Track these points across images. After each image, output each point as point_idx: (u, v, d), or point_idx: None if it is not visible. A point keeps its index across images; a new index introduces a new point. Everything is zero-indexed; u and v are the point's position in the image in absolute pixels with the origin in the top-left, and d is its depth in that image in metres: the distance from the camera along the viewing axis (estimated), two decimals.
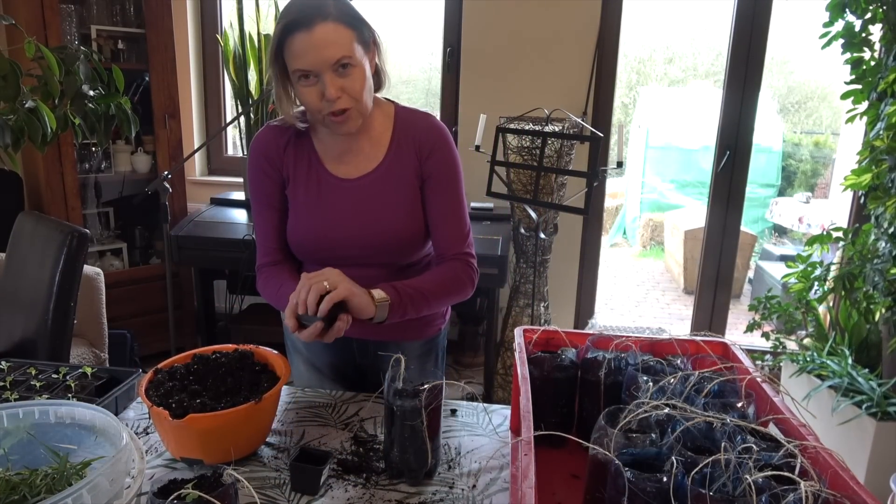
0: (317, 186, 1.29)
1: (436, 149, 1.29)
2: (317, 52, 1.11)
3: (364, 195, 1.29)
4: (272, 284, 1.31)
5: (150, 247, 3.38)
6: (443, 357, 1.54)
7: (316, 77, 1.14)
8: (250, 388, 1.10)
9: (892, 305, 2.18)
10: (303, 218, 1.30)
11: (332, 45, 1.11)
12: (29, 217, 2.15)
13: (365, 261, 1.30)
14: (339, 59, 1.12)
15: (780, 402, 0.94)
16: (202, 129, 3.58)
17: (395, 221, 1.29)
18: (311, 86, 1.14)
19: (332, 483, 1.05)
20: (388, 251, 1.31)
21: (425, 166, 1.29)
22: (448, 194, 1.31)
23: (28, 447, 0.92)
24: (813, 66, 6.71)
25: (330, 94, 1.14)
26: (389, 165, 1.29)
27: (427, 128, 1.30)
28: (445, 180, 1.30)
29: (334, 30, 1.11)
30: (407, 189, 1.29)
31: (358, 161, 1.30)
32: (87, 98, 1.51)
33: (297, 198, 1.30)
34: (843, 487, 0.74)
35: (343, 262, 1.29)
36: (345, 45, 1.12)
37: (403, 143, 1.29)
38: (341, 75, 1.14)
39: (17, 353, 1.97)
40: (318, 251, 1.32)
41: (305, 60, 1.12)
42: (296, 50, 1.12)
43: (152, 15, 2.98)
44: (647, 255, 6.78)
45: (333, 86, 1.13)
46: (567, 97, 3.02)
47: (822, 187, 6.53)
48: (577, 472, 1.06)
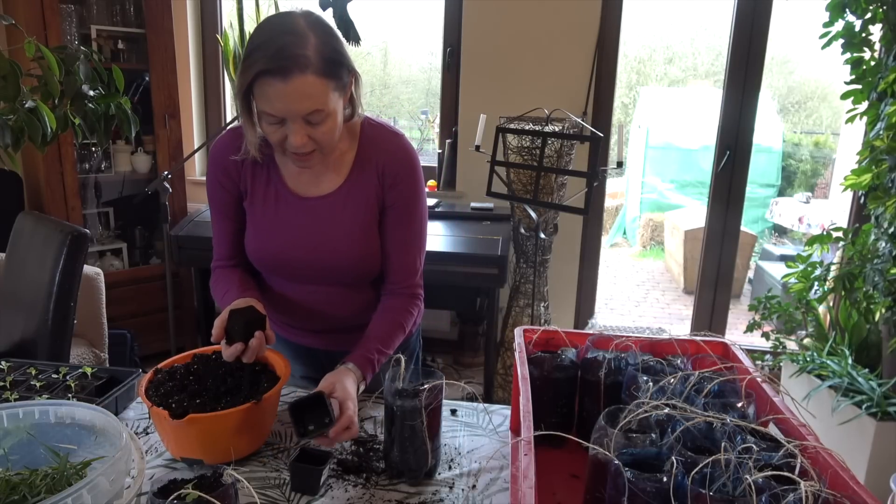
0: (274, 203, 1.26)
1: (400, 179, 1.24)
2: (288, 104, 1.05)
3: (322, 215, 1.25)
4: (220, 287, 1.31)
5: (150, 247, 3.38)
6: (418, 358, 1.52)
7: (282, 121, 1.08)
8: (250, 388, 1.10)
9: (892, 305, 2.18)
10: (259, 233, 1.28)
11: (305, 99, 1.05)
12: (29, 217, 2.15)
13: (320, 279, 1.29)
14: (311, 112, 1.07)
15: (780, 402, 0.94)
16: (202, 129, 3.58)
17: (351, 243, 1.25)
18: (276, 127, 1.09)
19: (332, 483, 1.05)
20: (343, 271, 1.28)
21: (388, 195, 1.25)
22: (407, 227, 1.28)
23: (28, 447, 0.92)
24: (813, 66, 6.71)
25: (295, 142, 1.09)
26: (350, 187, 1.24)
27: (394, 153, 1.24)
28: (407, 213, 1.27)
29: (311, 83, 1.04)
30: (366, 212, 1.25)
31: (319, 180, 1.25)
32: (87, 98, 1.51)
33: (255, 213, 1.27)
34: (843, 487, 0.74)
35: (298, 279, 1.30)
36: (319, 99, 1.06)
37: (367, 165, 1.24)
38: (311, 123, 1.08)
39: (17, 353, 1.97)
40: (274, 267, 1.31)
41: (275, 107, 1.06)
42: (267, 94, 1.05)
43: (152, 15, 2.98)
44: (647, 255, 6.78)
45: (300, 134, 1.08)
46: (567, 97, 3.02)
47: (822, 187, 6.53)
48: (577, 472, 1.06)
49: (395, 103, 4.80)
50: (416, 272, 1.32)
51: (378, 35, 4.32)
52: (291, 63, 1.02)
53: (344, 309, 1.33)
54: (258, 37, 1.06)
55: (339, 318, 1.34)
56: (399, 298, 1.31)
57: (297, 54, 1.02)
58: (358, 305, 1.34)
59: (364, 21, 2.20)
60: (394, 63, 4.46)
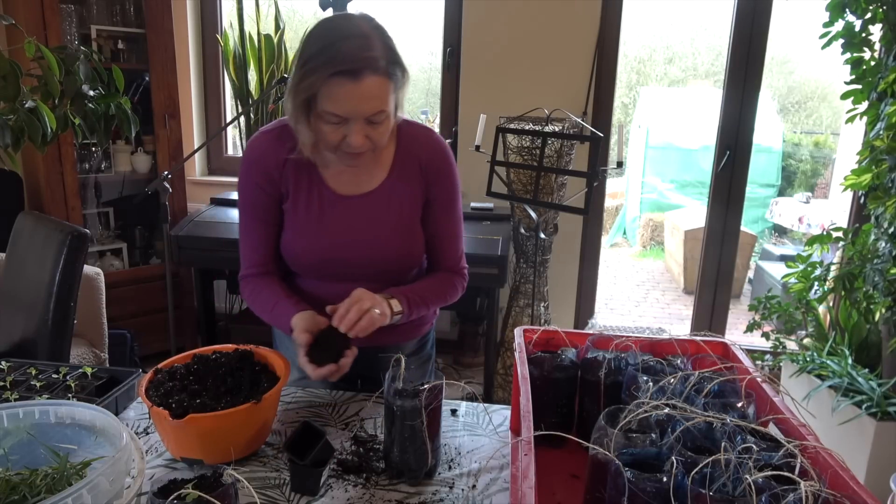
0: (318, 203, 1.27)
1: (441, 173, 1.30)
2: (358, 104, 1.08)
3: (367, 213, 1.27)
4: (264, 299, 1.29)
5: (150, 247, 3.38)
6: (433, 348, 1.54)
7: (344, 121, 1.11)
8: (250, 388, 1.10)
9: (892, 305, 2.18)
10: (302, 234, 1.28)
11: (373, 99, 1.09)
12: (29, 217, 2.15)
13: (362, 276, 1.30)
14: (375, 112, 1.11)
15: (780, 402, 0.94)
16: (202, 129, 3.58)
17: (396, 240, 1.29)
18: (336, 127, 1.12)
19: (332, 483, 1.05)
20: (386, 268, 1.31)
21: (431, 189, 1.30)
22: (450, 217, 1.34)
23: (28, 447, 0.92)
24: (813, 66, 6.71)
25: (355, 142, 1.12)
26: (392, 184, 1.28)
27: (432, 148, 1.29)
28: (448, 203, 1.33)
29: (379, 84, 1.08)
30: (409, 207, 1.29)
31: (360, 178, 1.28)
32: (87, 98, 1.51)
33: (298, 214, 1.28)
34: (843, 487, 0.74)
35: (340, 278, 1.30)
36: (384, 99, 1.10)
37: (407, 162, 1.28)
38: (371, 123, 1.12)
39: (17, 353, 1.97)
40: (316, 267, 1.31)
41: (343, 108, 1.09)
42: (336, 95, 1.08)
43: (152, 15, 2.98)
44: (647, 255, 6.78)
45: (360, 134, 1.12)
46: (567, 97, 3.02)
47: (822, 187, 6.53)
48: (577, 472, 1.06)
49: None
50: (461, 258, 1.39)
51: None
52: (363, 64, 1.06)
53: None
54: (322, 39, 1.08)
55: None
56: (446, 273, 1.37)
57: (368, 56, 1.06)
58: None
59: None
60: None
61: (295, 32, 3.25)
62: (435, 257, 1.37)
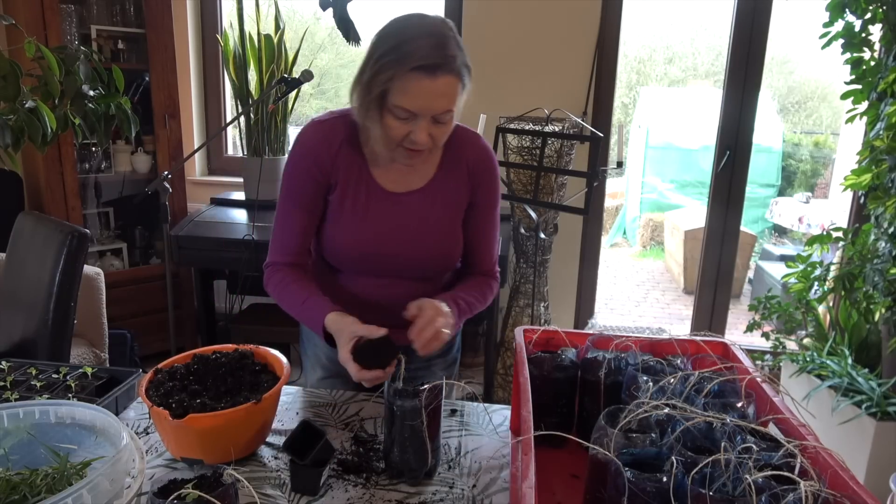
0: (365, 197, 1.27)
1: (487, 177, 1.32)
2: (430, 101, 1.10)
3: (411, 211, 1.28)
4: (294, 291, 1.26)
5: (150, 247, 3.38)
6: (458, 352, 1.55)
7: (412, 117, 1.12)
8: (250, 388, 1.11)
9: (892, 305, 2.18)
10: (347, 227, 1.28)
11: (444, 98, 1.10)
12: (29, 217, 2.15)
13: (401, 274, 1.31)
14: (444, 111, 1.12)
15: (780, 402, 0.94)
16: (202, 129, 3.58)
17: (438, 239, 1.30)
18: (403, 123, 1.13)
19: (332, 483, 1.05)
20: (425, 266, 1.32)
21: (476, 193, 1.32)
22: (490, 220, 1.36)
23: (28, 447, 0.92)
24: (813, 66, 6.72)
25: (419, 138, 1.13)
26: (440, 183, 1.29)
27: (480, 151, 1.31)
28: (490, 207, 1.35)
29: (451, 84, 1.10)
30: (453, 208, 1.31)
31: (408, 176, 1.28)
32: (87, 98, 1.51)
33: (343, 206, 1.28)
34: (842, 487, 0.74)
35: (377, 273, 1.31)
36: (453, 99, 1.12)
37: (454, 163, 1.30)
38: (437, 122, 1.14)
39: (17, 353, 1.97)
40: (356, 261, 1.30)
41: (415, 104, 1.10)
42: (410, 90, 1.09)
43: (152, 15, 2.98)
44: (647, 255, 6.78)
45: (425, 132, 1.13)
46: (567, 97, 3.02)
47: (822, 187, 6.53)
48: (577, 472, 1.06)
49: None
50: (496, 261, 1.41)
51: None
52: (442, 62, 1.08)
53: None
54: (400, 35, 1.10)
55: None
56: (482, 276, 1.38)
57: (446, 55, 1.08)
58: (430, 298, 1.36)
59: (364, 21, 2.20)
60: None
61: (295, 32, 3.25)
62: (472, 260, 1.38)
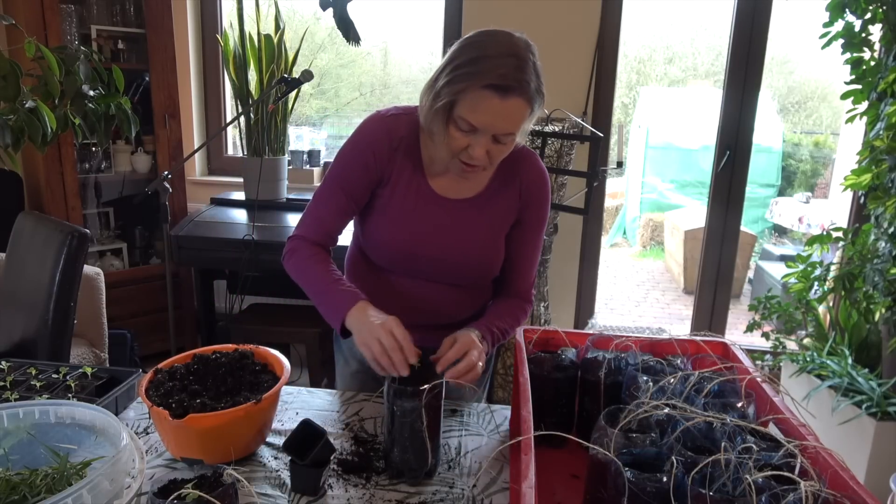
0: (415, 196, 1.27)
1: (538, 197, 1.32)
2: (495, 120, 1.09)
3: (460, 217, 1.28)
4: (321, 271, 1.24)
5: (150, 247, 3.38)
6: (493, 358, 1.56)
7: (473, 131, 1.12)
8: (250, 388, 1.11)
9: (892, 305, 2.18)
10: (393, 223, 1.28)
11: (510, 120, 1.10)
12: (29, 217, 2.15)
13: (439, 278, 1.31)
14: (506, 133, 1.12)
15: (780, 402, 0.94)
16: (202, 129, 3.58)
17: (481, 249, 1.30)
18: (464, 135, 1.13)
19: (332, 483, 1.05)
20: (465, 275, 1.32)
21: (525, 212, 1.32)
22: (533, 242, 1.36)
23: (28, 447, 0.92)
24: (813, 66, 6.71)
25: (477, 154, 1.13)
26: (490, 196, 1.29)
27: (535, 173, 1.31)
28: (536, 229, 1.35)
29: (520, 107, 1.09)
30: (500, 222, 1.31)
31: (461, 183, 1.28)
32: (87, 98, 1.52)
33: (392, 202, 1.28)
34: (843, 487, 0.74)
35: (417, 276, 1.31)
36: (519, 122, 1.12)
37: (508, 177, 1.30)
38: (497, 141, 1.13)
39: (17, 353, 1.96)
40: (398, 260, 1.30)
41: (480, 120, 1.09)
42: (478, 106, 1.08)
43: (152, 15, 2.98)
44: (647, 255, 6.78)
45: (483, 148, 1.13)
46: (567, 97, 3.02)
47: (822, 187, 6.53)
48: (577, 472, 1.06)
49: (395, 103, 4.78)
50: (532, 283, 1.41)
51: (378, 35, 4.31)
52: (516, 85, 1.07)
53: (449, 307, 1.35)
54: (481, 48, 1.09)
55: (441, 315, 1.35)
56: (514, 299, 1.37)
57: (522, 78, 1.07)
58: (463, 305, 1.37)
59: (364, 21, 2.20)
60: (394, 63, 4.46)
61: (295, 32, 3.25)
62: (510, 278, 1.37)
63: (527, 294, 1.39)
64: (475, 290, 1.38)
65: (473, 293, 1.38)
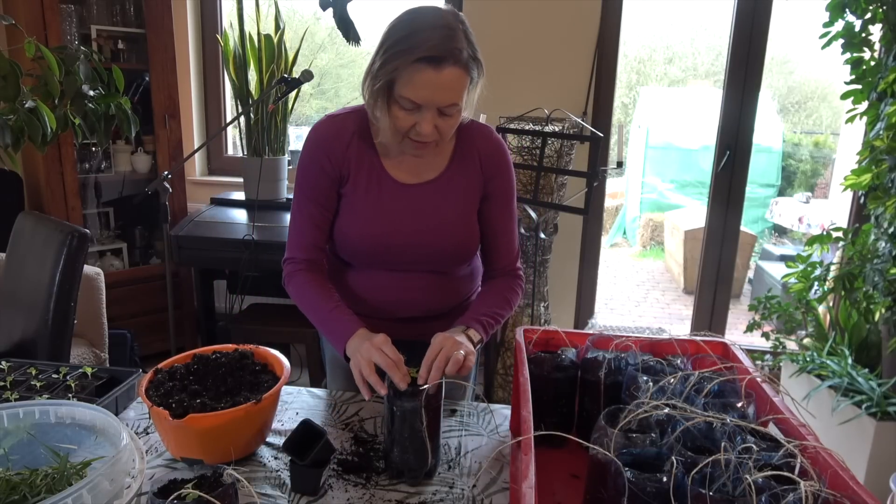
0: (377, 189, 1.27)
1: (500, 168, 1.31)
2: (434, 93, 1.10)
3: (424, 202, 1.28)
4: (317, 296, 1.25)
5: (150, 247, 3.38)
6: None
7: (417, 108, 1.12)
8: (250, 388, 1.11)
9: (892, 305, 2.18)
10: (361, 219, 1.28)
11: (449, 90, 1.10)
12: (29, 217, 2.15)
13: (415, 267, 1.30)
14: (449, 104, 1.12)
15: (780, 402, 0.94)
16: (202, 129, 3.58)
17: (452, 231, 1.29)
18: (408, 114, 1.13)
19: (332, 483, 1.05)
20: (440, 260, 1.31)
21: (489, 185, 1.31)
22: (506, 213, 1.35)
23: (28, 447, 0.92)
24: (813, 66, 6.71)
25: (424, 130, 1.13)
26: (452, 175, 1.29)
27: (491, 143, 1.31)
28: (505, 199, 1.34)
29: (458, 76, 1.10)
30: (466, 200, 1.30)
31: (419, 168, 1.28)
32: (87, 98, 1.52)
33: (356, 199, 1.28)
34: (842, 487, 0.74)
35: (392, 267, 1.30)
36: (459, 92, 1.12)
37: (466, 154, 1.30)
38: (443, 114, 1.13)
39: (17, 353, 1.96)
40: (369, 254, 1.30)
41: (420, 95, 1.10)
42: (415, 81, 1.09)
43: (152, 15, 2.98)
44: (647, 255, 6.78)
45: (430, 124, 1.13)
46: (567, 97, 3.02)
47: (822, 187, 6.53)
48: (577, 472, 1.06)
49: None
50: (517, 256, 1.39)
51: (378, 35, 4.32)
52: (448, 54, 1.08)
53: (434, 296, 1.34)
54: (408, 26, 1.10)
55: (427, 306, 1.35)
56: (503, 278, 1.36)
57: (453, 47, 1.08)
58: (448, 293, 1.36)
59: (364, 21, 2.20)
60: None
61: (295, 32, 3.25)
62: (492, 257, 1.37)
63: (512, 268, 1.37)
64: (458, 277, 1.37)
65: (456, 280, 1.36)
